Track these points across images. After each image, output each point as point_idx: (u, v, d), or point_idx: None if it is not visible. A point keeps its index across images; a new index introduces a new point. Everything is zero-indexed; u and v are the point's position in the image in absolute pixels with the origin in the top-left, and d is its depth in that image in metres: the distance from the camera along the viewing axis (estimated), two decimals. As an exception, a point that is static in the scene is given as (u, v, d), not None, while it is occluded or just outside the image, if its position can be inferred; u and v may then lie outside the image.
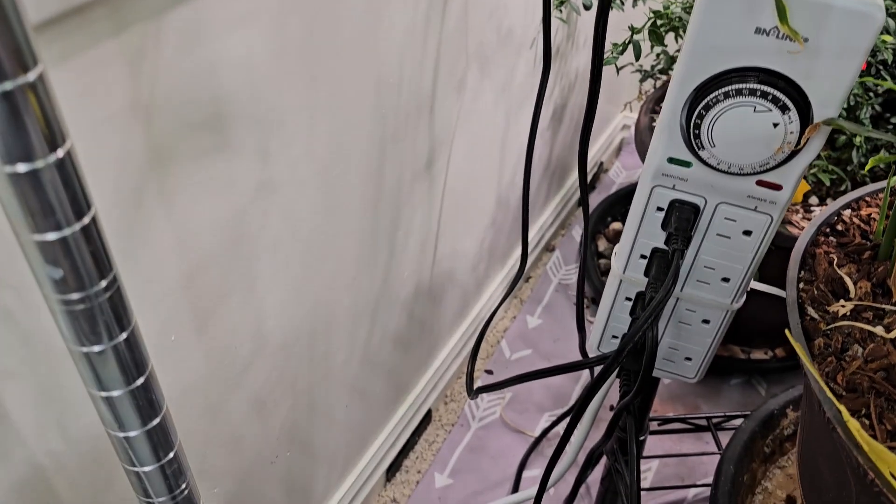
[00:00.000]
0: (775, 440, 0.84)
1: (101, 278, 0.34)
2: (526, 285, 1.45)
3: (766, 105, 0.51)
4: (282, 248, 0.65)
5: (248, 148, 0.56)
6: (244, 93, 0.53)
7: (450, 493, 1.07)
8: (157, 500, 0.45)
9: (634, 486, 0.67)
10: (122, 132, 0.46)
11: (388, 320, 0.93)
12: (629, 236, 0.64)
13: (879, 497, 0.47)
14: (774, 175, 0.56)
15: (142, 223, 0.50)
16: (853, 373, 0.51)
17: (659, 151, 0.58)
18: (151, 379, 0.40)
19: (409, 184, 0.84)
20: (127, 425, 0.40)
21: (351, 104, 0.67)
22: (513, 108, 1.10)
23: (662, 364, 0.72)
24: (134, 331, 0.37)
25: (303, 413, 0.80)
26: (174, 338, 0.57)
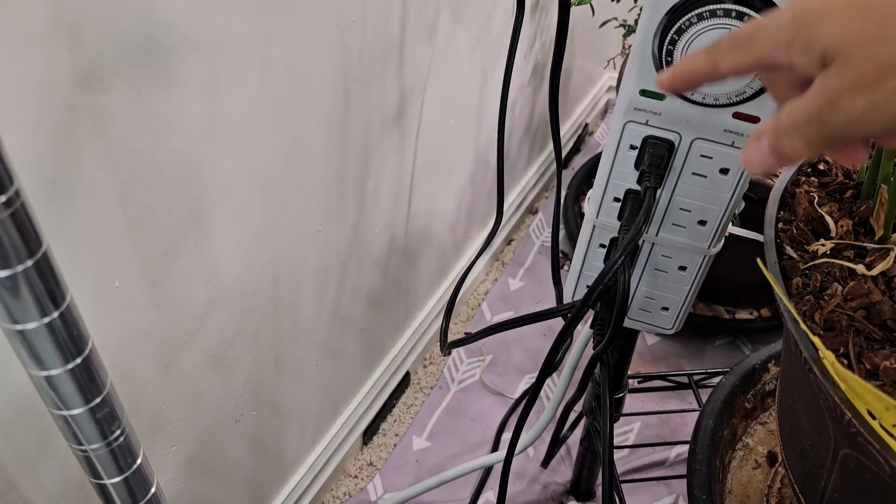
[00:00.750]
0: (756, 395, 0.82)
1: (1, 192, 0.30)
2: (508, 248, 1.42)
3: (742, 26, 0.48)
4: (237, 190, 0.61)
5: (193, 81, 0.53)
6: (187, 17, 0.50)
7: (427, 456, 1.05)
8: (89, 448, 0.42)
9: (608, 439, 0.65)
10: (46, 53, 0.42)
11: (361, 277, 0.90)
12: (602, 178, 0.61)
13: (857, 438, 0.45)
14: (752, 106, 0.53)
15: (74, 157, 0.46)
16: (831, 311, 0.48)
17: (631, 84, 0.55)
18: (72, 311, 0.36)
19: (379, 131, 0.80)
20: (47, 363, 0.37)
21: (310, 39, 0.63)
22: (490, 61, 1.06)
23: (639, 315, 0.70)
24: (46, 255, 0.34)
25: (268, 369, 0.77)
26: (118, 284, 0.53)
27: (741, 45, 0.34)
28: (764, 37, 0.33)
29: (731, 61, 0.35)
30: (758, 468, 0.80)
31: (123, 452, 0.44)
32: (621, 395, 0.84)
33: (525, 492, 1.00)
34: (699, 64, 0.37)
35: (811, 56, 0.31)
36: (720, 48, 0.35)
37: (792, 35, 0.31)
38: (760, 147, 0.34)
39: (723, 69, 0.35)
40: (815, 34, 0.30)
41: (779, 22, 0.32)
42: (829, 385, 0.44)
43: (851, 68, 0.29)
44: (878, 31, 0.29)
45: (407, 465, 1.04)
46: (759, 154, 0.34)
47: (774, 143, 0.33)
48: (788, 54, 0.32)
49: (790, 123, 0.32)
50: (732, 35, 0.35)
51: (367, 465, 1.04)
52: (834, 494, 0.54)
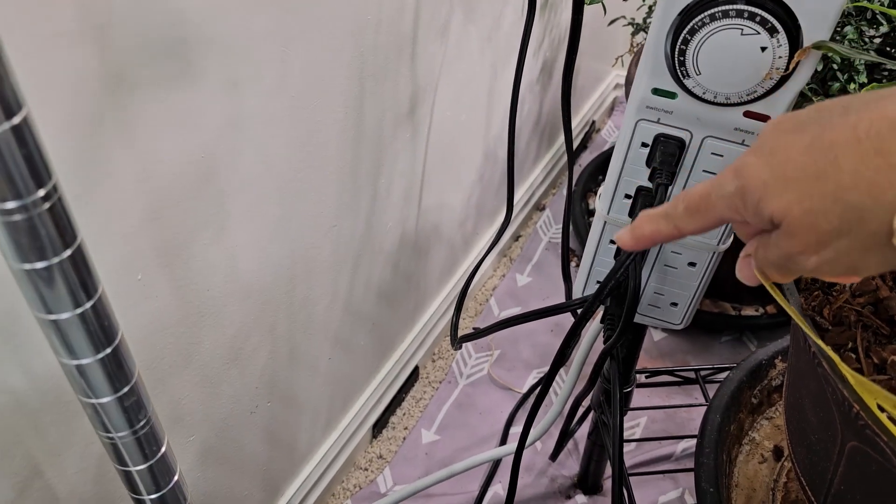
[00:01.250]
0: (763, 391, 0.83)
1: (39, 186, 0.31)
2: (516, 244, 1.43)
3: (754, 27, 0.49)
4: (255, 185, 0.63)
5: (214, 78, 0.54)
6: (209, 18, 0.51)
7: (436, 449, 1.06)
8: (116, 435, 0.43)
9: (617, 432, 0.66)
10: (75, 52, 0.43)
11: (372, 271, 0.91)
12: (613, 175, 0.62)
13: (864, 431, 0.46)
14: (762, 105, 0.54)
15: (100, 153, 0.47)
16: (840, 307, 0.49)
17: (643, 83, 0.56)
18: (103, 302, 0.38)
19: (392, 128, 0.82)
20: (78, 353, 0.38)
21: (325, 36, 0.64)
22: (500, 59, 1.07)
23: (648, 310, 0.71)
24: (81, 247, 0.35)
25: (283, 362, 0.78)
26: (140, 277, 0.55)
27: (699, 212, 0.37)
28: (717, 203, 0.36)
29: (693, 226, 0.38)
30: (764, 462, 0.81)
31: (149, 440, 0.45)
32: (629, 390, 0.85)
33: (533, 485, 1.02)
34: (661, 228, 0.40)
35: (762, 220, 0.34)
36: (679, 215, 0.39)
37: (742, 203, 0.34)
38: (750, 267, 0.38)
39: (686, 232, 0.39)
40: (759, 206, 0.33)
41: (728, 191, 0.35)
42: (838, 379, 0.45)
43: (797, 236, 0.32)
44: (812, 205, 0.31)
45: (416, 458, 1.05)
46: (749, 273, 0.38)
47: (760, 270, 0.37)
48: (743, 217, 0.35)
49: (766, 260, 0.36)
50: (688, 203, 0.38)
51: (376, 457, 1.05)
52: (841, 487, 0.55)
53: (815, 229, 0.31)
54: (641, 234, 0.41)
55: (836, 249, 0.31)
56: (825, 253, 0.32)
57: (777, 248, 0.34)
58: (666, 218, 0.39)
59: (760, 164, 0.33)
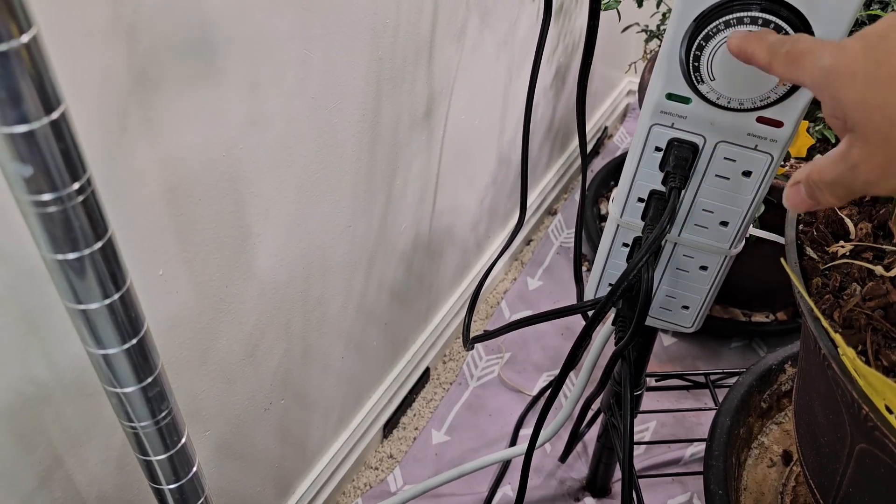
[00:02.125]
0: (773, 395, 0.83)
1: (75, 180, 0.33)
2: (527, 248, 1.44)
3: (768, 34, 0.50)
4: (274, 184, 0.64)
5: (237, 78, 0.55)
6: (232, 18, 0.52)
7: (446, 450, 1.07)
8: (139, 425, 0.44)
9: (627, 435, 0.67)
10: (105, 50, 0.44)
11: (386, 271, 0.92)
12: (627, 178, 0.63)
13: (873, 432, 0.46)
14: (775, 111, 0.55)
15: (126, 149, 0.49)
16: (850, 310, 0.50)
17: (658, 87, 0.57)
18: (131, 294, 0.39)
19: (407, 130, 0.83)
20: (105, 342, 0.39)
21: (345, 39, 0.65)
22: (515, 64, 1.08)
23: (659, 313, 0.71)
24: (111, 240, 0.36)
25: (297, 360, 0.79)
26: (162, 272, 0.56)
27: (792, 64, 0.37)
28: (807, 68, 0.35)
29: (781, 71, 0.38)
30: (773, 467, 0.81)
31: (170, 431, 0.46)
32: (639, 393, 0.85)
33: (542, 486, 1.02)
34: (759, 54, 0.40)
35: (837, 111, 0.33)
36: (779, 54, 0.38)
37: (825, 83, 0.34)
38: (799, 193, 0.38)
39: (773, 71, 0.39)
40: (840, 95, 0.33)
41: (822, 63, 0.34)
42: (847, 381, 0.46)
43: (868, 144, 0.32)
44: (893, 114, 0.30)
45: (426, 459, 1.06)
46: (798, 199, 0.38)
47: (809, 193, 0.37)
48: (821, 97, 0.34)
49: (820, 180, 0.35)
50: (790, 49, 0.37)
51: (387, 457, 1.06)
52: (849, 489, 0.55)
53: (888, 140, 0.31)
54: (745, 48, 0.42)
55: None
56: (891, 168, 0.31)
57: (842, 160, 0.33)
58: (769, 49, 0.40)
59: (860, 53, 0.32)
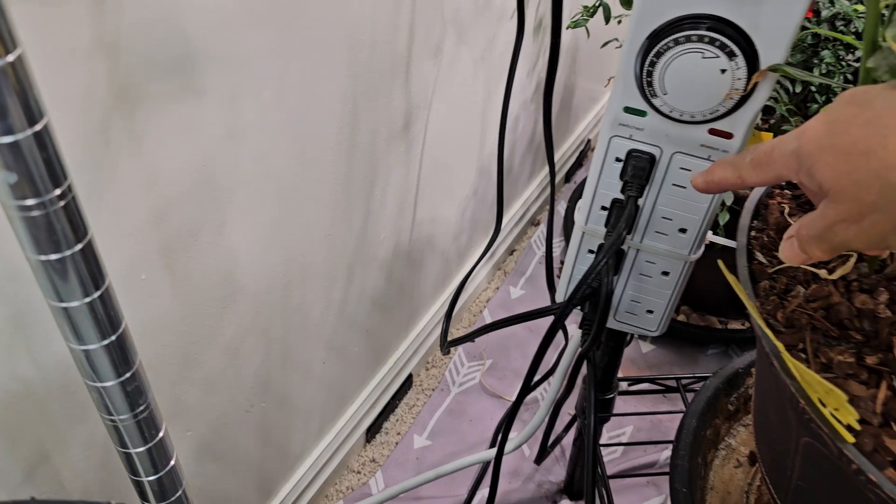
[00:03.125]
0: (739, 398, 0.86)
1: (56, 186, 0.35)
2: (510, 258, 1.47)
3: (714, 51, 0.53)
4: (253, 193, 0.67)
5: (216, 92, 0.58)
6: (211, 36, 0.55)
7: (427, 454, 1.09)
8: (118, 418, 0.47)
9: (591, 434, 0.69)
10: (87, 68, 0.47)
11: (366, 280, 0.95)
12: (590, 188, 0.66)
13: (810, 424, 0.49)
14: (725, 123, 0.58)
15: (109, 161, 0.51)
16: (793, 310, 0.53)
17: (616, 101, 0.60)
18: (110, 294, 0.42)
19: (385, 142, 0.86)
20: (86, 339, 0.42)
21: (322, 54, 0.68)
22: (493, 79, 1.11)
23: (625, 318, 0.74)
24: (90, 242, 0.39)
25: (277, 364, 0.82)
26: (144, 276, 0.59)
27: (761, 166, 0.42)
28: (777, 161, 0.40)
29: (755, 178, 0.43)
30: (739, 467, 0.84)
31: (148, 424, 0.49)
32: (611, 397, 0.88)
33: (520, 490, 1.05)
34: (728, 176, 0.45)
35: (813, 185, 0.38)
36: (745, 166, 0.43)
37: (798, 166, 0.38)
38: (793, 247, 0.42)
39: (748, 183, 0.44)
40: (812, 171, 0.37)
41: (788, 150, 0.39)
42: (787, 376, 0.49)
43: (841, 205, 0.36)
44: (858, 177, 0.35)
45: (408, 463, 1.08)
46: (792, 253, 0.42)
47: (801, 248, 0.41)
48: (798, 178, 0.39)
49: (808, 236, 0.40)
50: (754, 155, 0.42)
51: (369, 461, 1.08)
52: (799, 482, 0.58)
53: (857, 200, 0.35)
54: (712, 179, 0.47)
55: (873, 222, 0.35)
56: (863, 223, 0.36)
57: (821, 219, 0.38)
58: (733, 167, 0.44)
59: (821, 130, 0.37)
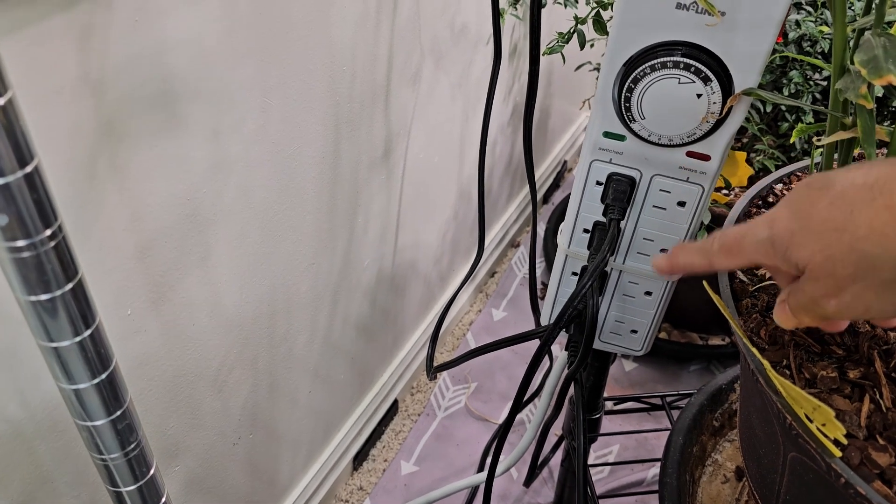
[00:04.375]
0: (724, 414, 0.87)
1: (47, 227, 0.36)
2: (491, 280, 1.47)
3: (690, 77, 0.54)
4: (237, 225, 0.67)
5: (199, 126, 0.58)
6: (194, 71, 0.56)
7: (415, 480, 1.09)
8: (109, 457, 0.47)
9: (581, 455, 0.70)
10: (73, 106, 0.48)
11: (350, 306, 0.95)
12: (572, 211, 0.67)
13: (797, 440, 0.50)
14: (703, 146, 0.59)
15: (94, 196, 0.52)
16: (775, 327, 0.54)
17: (595, 126, 0.61)
18: (100, 332, 0.41)
19: (367, 170, 0.86)
20: (76, 378, 0.42)
21: (303, 86, 0.69)
22: (471, 104, 1.13)
23: (610, 338, 0.75)
24: (81, 282, 0.39)
25: (264, 395, 0.81)
26: (130, 312, 0.58)
27: (731, 253, 0.43)
28: (749, 248, 0.41)
29: (725, 264, 0.44)
30: (726, 483, 0.85)
31: (139, 462, 0.48)
32: (597, 417, 0.88)
33: (509, 513, 1.05)
34: (695, 262, 0.47)
35: (790, 266, 0.39)
36: (714, 252, 0.44)
37: (772, 252, 0.40)
38: (786, 311, 0.43)
39: (717, 268, 0.45)
40: (788, 254, 0.39)
41: (760, 238, 0.41)
42: (773, 393, 0.49)
43: (819, 281, 0.38)
44: (832, 253, 0.36)
45: (396, 490, 1.08)
46: (786, 317, 0.43)
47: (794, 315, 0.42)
48: (773, 262, 0.41)
49: (795, 306, 0.41)
50: (723, 242, 0.43)
51: (357, 489, 1.07)
52: (787, 497, 0.59)
53: (833, 275, 0.37)
54: (676, 263, 0.48)
55: (853, 293, 0.36)
56: (843, 296, 0.37)
57: (802, 293, 0.39)
58: (701, 252, 0.46)
59: (790, 217, 0.39)
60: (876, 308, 0.37)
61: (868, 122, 0.48)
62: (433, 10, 0.90)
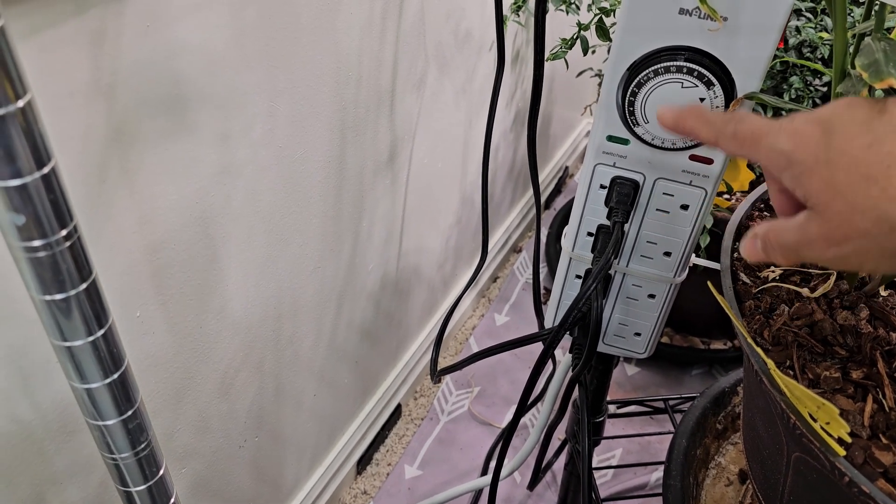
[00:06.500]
0: (727, 417, 0.88)
1: (62, 227, 0.36)
2: (494, 285, 1.48)
3: (693, 81, 0.55)
4: (244, 229, 0.67)
5: (208, 130, 0.59)
6: (203, 76, 0.56)
7: (419, 484, 1.09)
8: (119, 457, 0.47)
9: (586, 458, 0.70)
10: (85, 109, 0.48)
11: (355, 310, 0.95)
12: (576, 215, 0.68)
13: (802, 439, 0.50)
14: (705, 149, 0.60)
15: (105, 199, 0.52)
16: (778, 328, 0.54)
17: (599, 130, 0.62)
18: (113, 332, 0.42)
19: (372, 175, 0.87)
20: (89, 377, 0.42)
21: (310, 91, 0.70)
22: (474, 110, 1.14)
23: (614, 340, 0.75)
24: (95, 282, 0.39)
25: (270, 398, 0.82)
26: (139, 314, 0.59)
27: (743, 143, 0.39)
28: (763, 150, 0.37)
29: (730, 149, 0.40)
30: (730, 485, 0.85)
31: (149, 462, 0.49)
32: (601, 420, 0.89)
33: (513, 516, 1.05)
34: (702, 132, 0.42)
35: (797, 191, 0.36)
36: (725, 133, 0.40)
37: (786, 165, 0.36)
38: (755, 246, 0.40)
39: (720, 148, 0.41)
40: (802, 179, 0.35)
41: (780, 147, 0.36)
42: (777, 393, 0.50)
43: (827, 223, 0.34)
44: (854, 201, 0.33)
45: (399, 494, 1.08)
46: (752, 251, 0.41)
47: (764, 250, 0.40)
48: (779, 174, 0.37)
49: (777, 242, 0.38)
50: (738, 130, 0.39)
51: (361, 493, 1.08)
52: (791, 497, 0.59)
53: (848, 223, 0.33)
54: (683, 124, 0.44)
55: (856, 247, 0.33)
56: (846, 247, 0.34)
57: (798, 231, 0.36)
58: (712, 126, 0.41)
59: (819, 141, 0.34)
60: (870, 266, 0.34)
61: (869, 125, 0.49)
62: (438, 17, 0.91)
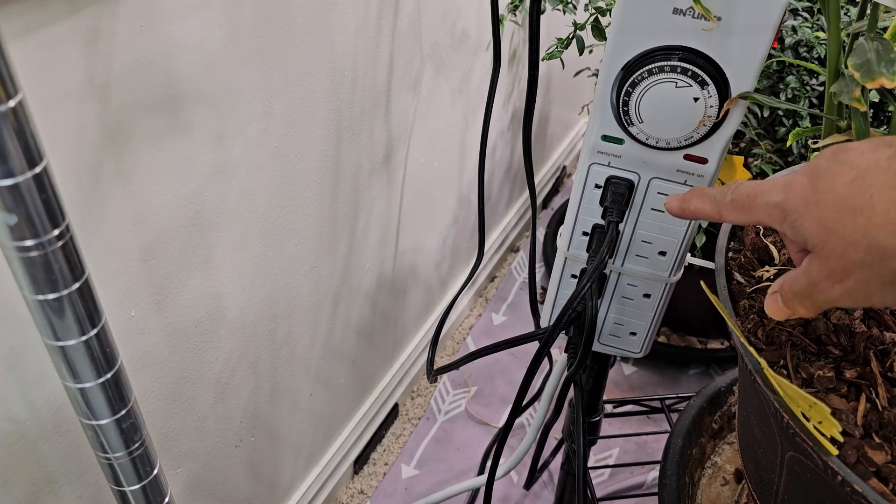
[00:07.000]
0: (723, 416, 0.88)
1: (55, 227, 0.36)
2: (491, 284, 1.48)
3: (687, 80, 0.55)
4: (240, 228, 0.67)
5: (203, 130, 0.59)
6: (198, 76, 0.56)
7: (416, 483, 1.09)
8: (113, 456, 0.47)
9: (581, 458, 0.70)
10: (79, 109, 0.48)
11: (351, 310, 0.95)
12: (571, 214, 0.68)
13: (795, 438, 0.50)
14: (699, 149, 0.60)
15: (100, 198, 0.52)
16: (772, 328, 0.54)
17: (594, 130, 0.62)
18: (105, 331, 0.42)
19: (368, 175, 0.87)
20: (82, 377, 0.42)
21: (305, 91, 0.70)
22: (471, 109, 1.14)
23: (609, 340, 0.75)
24: (87, 281, 0.39)
25: (266, 398, 0.82)
26: (133, 313, 0.59)
27: (742, 209, 0.41)
28: (761, 208, 0.40)
29: (733, 218, 0.43)
30: (726, 485, 0.85)
31: (143, 462, 0.49)
32: (597, 419, 0.89)
33: (509, 516, 1.05)
34: (706, 209, 0.45)
35: (797, 238, 0.38)
36: (725, 204, 0.43)
37: (782, 217, 0.38)
38: (777, 302, 0.42)
39: (725, 220, 0.44)
40: (797, 225, 0.37)
41: (773, 200, 0.38)
42: (770, 392, 0.50)
43: (827, 263, 0.36)
44: (844, 235, 0.35)
45: (396, 493, 1.08)
46: (777, 308, 0.42)
47: (785, 305, 0.41)
48: (781, 228, 0.39)
49: (791, 292, 0.40)
50: (736, 197, 0.42)
51: (358, 493, 1.08)
52: (785, 496, 0.59)
53: (843, 257, 0.35)
54: (687, 207, 0.47)
55: (858, 280, 0.35)
56: (848, 281, 0.35)
57: (805, 276, 0.38)
58: (713, 202, 0.44)
59: (807, 186, 0.36)
60: (878, 298, 0.36)
61: (862, 124, 0.49)
62: (433, 17, 0.91)
